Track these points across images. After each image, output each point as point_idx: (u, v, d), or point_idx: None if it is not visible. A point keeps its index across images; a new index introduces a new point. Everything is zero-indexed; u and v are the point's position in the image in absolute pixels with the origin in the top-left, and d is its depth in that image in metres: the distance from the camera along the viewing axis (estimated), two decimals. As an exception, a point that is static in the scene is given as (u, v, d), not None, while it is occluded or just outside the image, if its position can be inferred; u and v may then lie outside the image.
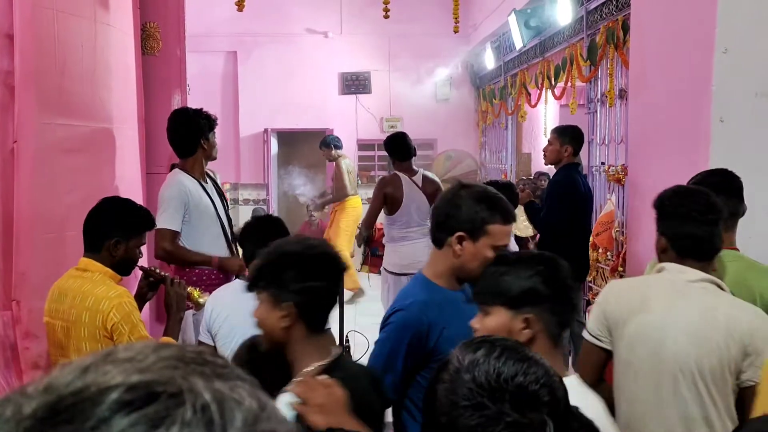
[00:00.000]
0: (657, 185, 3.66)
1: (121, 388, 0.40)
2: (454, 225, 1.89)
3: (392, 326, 1.93)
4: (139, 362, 0.42)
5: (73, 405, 0.39)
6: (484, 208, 1.87)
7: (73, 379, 0.41)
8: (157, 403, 0.39)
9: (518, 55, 7.83)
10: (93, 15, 3.31)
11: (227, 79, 10.00)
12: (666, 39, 3.55)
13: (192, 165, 3.45)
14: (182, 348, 0.46)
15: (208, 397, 0.41)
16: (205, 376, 0.42)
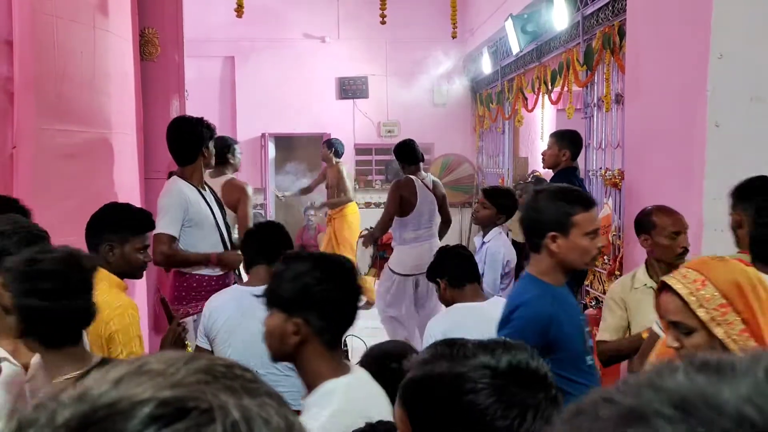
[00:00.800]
0: (653, 189, 3.68)
1: (153, 403, 0.40)
2: (544, 228, 2.01)
3: (517, 322, 2.01)
4: (171, 376, 0.43)
5: (105, 417, 0.40)
6: (563, 203, 2.01)
7: (107, 389, 0.41)
8: (187, 420, 0.40)
9: (515, 60, 7.86)
10: (92, 21, 3.32)
11: (225, 84, 10.02)
12: (661, 44, 3.58)
13: (191, 173, 3.46)
14: (213, 361, 0.46)
15: (237, 415, 0.41)
16: (235, 392, 0.43)
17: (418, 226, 4.98)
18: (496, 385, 1.01)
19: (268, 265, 2.77)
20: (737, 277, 1.46)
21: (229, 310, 2.70)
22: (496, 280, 3.56)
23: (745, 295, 1.44)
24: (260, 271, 2.77)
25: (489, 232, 3.76)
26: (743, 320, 1.44)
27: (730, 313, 1.44)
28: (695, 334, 1.47)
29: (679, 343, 1.50)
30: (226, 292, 2.84)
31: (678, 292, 1.48)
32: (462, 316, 2.62)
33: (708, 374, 0.38)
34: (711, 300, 1.45)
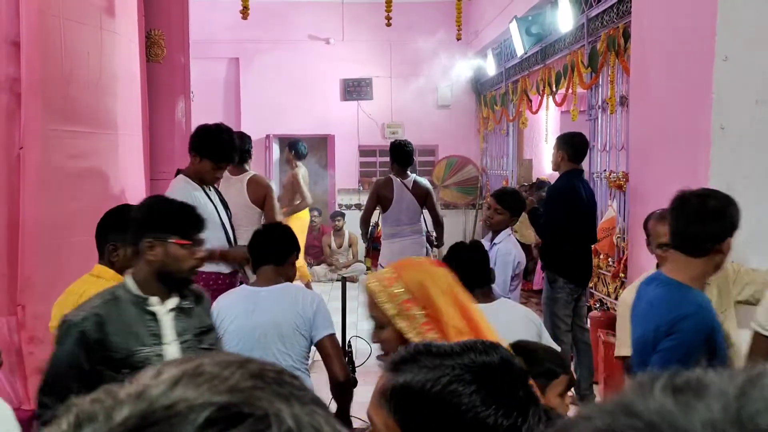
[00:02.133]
0: (658, 192, 3.68)
1: (212, 408, 0.41)
2: (725, 233, 2.08)
3: (683, 336, 2.04)
4: (226, 380, 0.43)
5: (164, 419, 0.40)
6: (734, 209, 2.10)
7: (165, 390, 0.42)
8: (244, 425, 0.40)
9: (519, 62, 7.86)
10: (99, 23, 3.34)
11: (229, 86, 10.04)
12: (666, 46, 3.58)
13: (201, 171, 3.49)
14: (264, 366, 0.47)
15: (291, 423, 0.41)
16: (287, 399, 0.43)
17: (397, 222, 5.32)
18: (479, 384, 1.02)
19: (276, 265, 2.79)
20: (424, 277, 1.58)
21: (237, 310, 2.72)
22: (506, 281, 3.55)
23: (429, 293, 1.55)
24: (267, 271, 2.79)
25: (499, 234, 3.76)
26: (426, 315, 1.54)
27: (413, 308, 1.54)
28: (386, 328, 1.57)
29: (377, 338, 1.61)
30: (234, 292, 2.87)
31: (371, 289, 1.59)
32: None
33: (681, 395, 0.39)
34: (398, 296, 1.56)
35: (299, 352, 2.72)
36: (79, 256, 3.07)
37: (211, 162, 3.44)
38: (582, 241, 4.47)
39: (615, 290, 5.24)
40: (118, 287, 2.10)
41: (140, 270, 2.08)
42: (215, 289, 3.34)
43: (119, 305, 2.03)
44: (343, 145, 9.85)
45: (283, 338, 2.67)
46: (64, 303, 2.45)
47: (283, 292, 2.75)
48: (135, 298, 2.05)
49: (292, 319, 2.69)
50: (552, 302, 4.45)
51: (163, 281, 2.06)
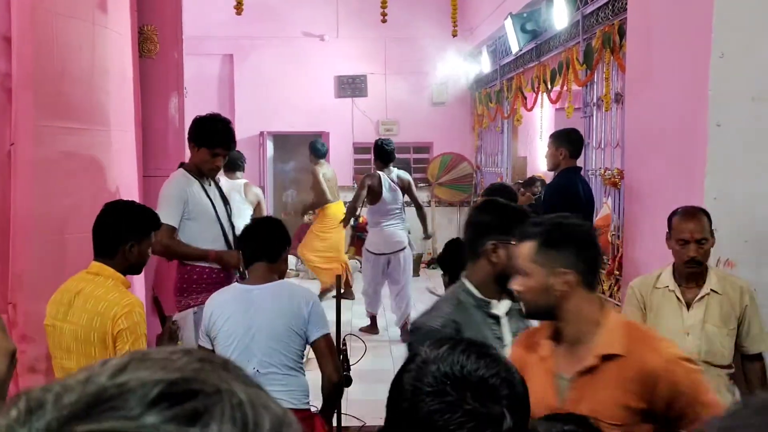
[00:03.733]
0: (653, 189, 3.68)
1: (163, 384, 0.42)
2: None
3: None
4: (174, 362, 0.44)
5: (117, 395, 0.41)
6: None
7: (114, 373, 0.43)
8: (196, 400, 0.41)
9: (514, 59, 7.85)
10: (91, 17, 3.30)
11: (223, 82, 10.00)
12: (662, 43, 3.57)
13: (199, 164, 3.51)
14: (209, 353, 0.48)
15: (244, 398, 0.43)
16: (235, 379, 0.44)
17: (385, 212, 6.10)
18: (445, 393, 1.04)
19: (268, 262, 2.75)
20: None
21: (230, 310, 2.69)
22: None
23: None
24: (260, 268, 2.75)
25: None
26: None
27: None
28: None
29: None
30: (227, 290, 2.83)
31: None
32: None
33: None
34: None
35: (294, 350, 2.70)
36: (71, 253, 3.05)
37: (207, 150, 3.44)
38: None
39: (610, 288, 5.24)
40: (459, 291, 2.11)
41: (480, 272, 2.09)
42: (209, 283, 3.34)
43: (467, 310, 2.06)
44: (337, 142, 9.82)
45: (278, 337, 2.65)
46: (59, 301, 2.42)
47: (277, 291, 2.72)
48: (477, 301, 2.07)
49: (286, 318, 2.66)
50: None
51: (500, 283, 2.06)
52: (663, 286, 2.75)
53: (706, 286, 2.67)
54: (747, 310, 2.66)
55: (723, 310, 2.65)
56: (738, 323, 2.66)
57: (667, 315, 2.72)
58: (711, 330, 2.64)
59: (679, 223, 2.66)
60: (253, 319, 2.65)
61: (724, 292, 2.66)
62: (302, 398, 2.70)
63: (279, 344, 2.65)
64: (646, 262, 3.59)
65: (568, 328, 1.72)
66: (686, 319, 2.68)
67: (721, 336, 2.64)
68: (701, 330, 2.65)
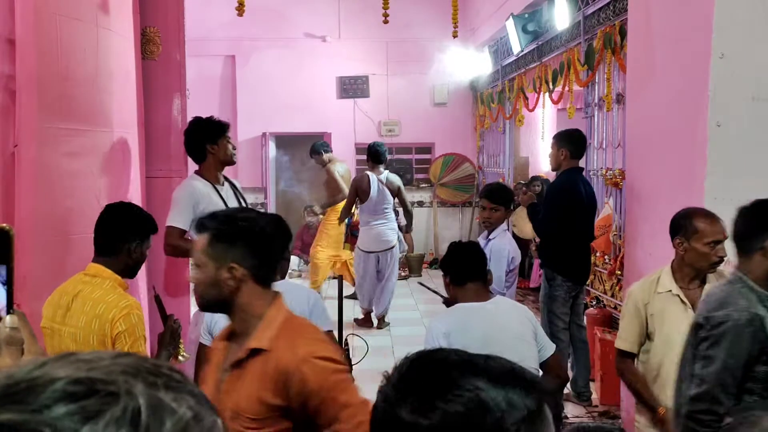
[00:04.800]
0: (654, 189, 3.68)
1: (65, 380, 0.45)
2: None
3: None
4: (93, 363, 0.47)
5: (24, 390, 0.44)
6: None
7: (32, 369, 0.46)
8: (94, 399, 0.44)
9: (516, 60, 7.86)
10: (95, 19, 3.32)
11: (226, 83, 10.02)
12: (663, 44, 3.58)
13: (206, 170, 3.62)
14: (143, 359, 0.50)
15: (142, 401, 0.45)
16: (152, 385, 0.47)
17: (373, 212, 6.33)
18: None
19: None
20: None
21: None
22: (500, 277, 3.55)
23: None
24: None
25: (495, 230, 3.77)
26: None
27: None
28: None
29: None
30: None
31: None
32: (464, 316, 2.61)
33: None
34: None
35: (296, 349, 2.71)
36: (75, 253, 3.06)
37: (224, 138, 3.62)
38: (581, 239, 4.47)
39: (611, 288, 5.25)
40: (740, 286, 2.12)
41: (758, 268, 2.12)
42: None
43: (756, 304, 2.07)
44: (339, 143, 9.83)
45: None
46: (57, 303, 2.42)
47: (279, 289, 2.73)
48: (760, 296, 2.09)
49: (288, 317, 2.68)
50: (550, 300, 4.46)
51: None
52: (665, 291, 2.69)
53: (708, 286, 2.66)
54: None
55: None
56: None
57: (672, 319, 2.67)
58: None
59: (709, 226, 2.59)
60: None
61: None
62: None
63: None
64: (648, 261, 3.59)
65: (237, 322, 1.75)
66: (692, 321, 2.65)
67: None
68: None
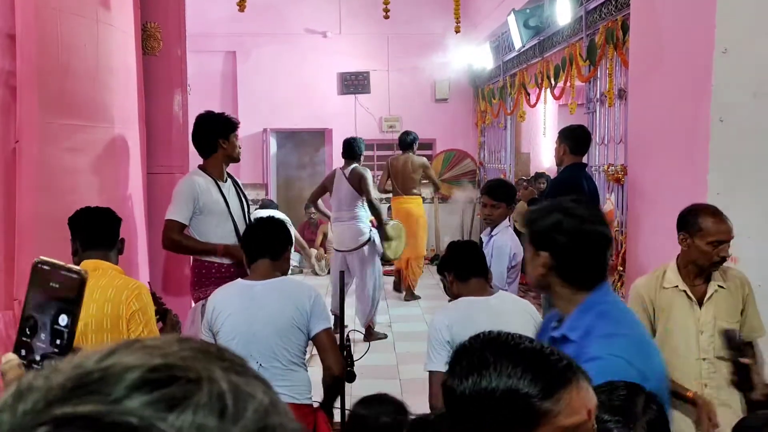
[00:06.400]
0: (656, 185, 3.67)
1: (144, 368, 0.43)
2: None
3: None
4: (162, 349, 0.45)
5: (99, 379, 0.42)
6: None
7: (101, 358, 0.44)
8: (175, 386, 0.42)
9: (517, 55, 7.84)
10: (95, 15, 3.31)
11: (226, 79, 10.01)
12: (665, 39, 3.57)
13: (211, 165, 3.62)
14: (206, 343, 0.48)
15: (224, 386, 0.43)
16: (225, 369, 0.45)
17: (338, 207, 6.02)
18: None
19: (271, 259, 2.78)
20: None
21: (233, 305, 2.71)
22: (502, 273, 3.55)
23: None
24: (263, 265, 2.78)
25: (497, 227, 3.76)
26: None
27: None
28: None
29: None
30: (230, 286, 2.86)
31: None
32: (467, 310, 2.61)
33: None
34: None
35: (296, 346, 2.71)
36: (76, 250, 3.06)
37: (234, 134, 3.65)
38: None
39: (613, 283, 5.24)
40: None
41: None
42: (218, 278, 3.40)
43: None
44: (340, 139, 9.74)
45: (280, 333, 2.66)
46: None
47: (279, 287, 2.74)
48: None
49: (289, 314, 2.68)
50: (551, 296, 4.45)
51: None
52: (671, 286, 2.68)
53: (713, 282, 2.65)
54: (747, 299, 2.67)
55: (729, 304, 2.64)
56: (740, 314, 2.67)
57: (679, 315, 2.66)
58: (722, 326, 2.63)
59: (714, 225, 2.56)
60: (255, 315, 2.67)
61: (727, 286, 2.65)
62: (304, 393, 2.72)
63: (281, 339, 2.66)
64: (650, 257, 3.59)
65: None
66: (699, 317, 2.65)
67: None
68: (714, 327, 2.63)
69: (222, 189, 3.59)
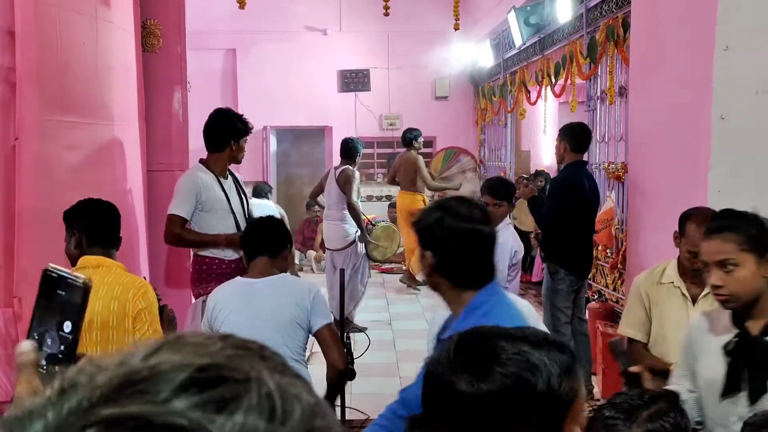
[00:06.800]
0: (657, 183, 3.67)
1: (192, 368, 0.42)
2: None
3: None
4: (208, 347, 0.44)
5: (147, 378, 0.41)
6: None
7: (147, 355, 0.43)
8: (224, 387, 0.41)
9: (518, 53, 7.83)
10: (94, 12, 3.31)
11: (226, 77, 10.00)
12: (666, 36, 3.56)
13: (215, 161, 3.63)
14: (245, 340, 0.48)
15: (272, 387, 0.42)
16: (270, 369, 0.44)
17: (328, 206, 6.12)
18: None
19: (269, 257, 2.80)
20: None
21: (234, 302, 2.71)
22: (502, 270, 3.55)
23: None
24: (261, 263, 2.80)
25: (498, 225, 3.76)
26: None
27: None
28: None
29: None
30: (230, 284, 2.87)
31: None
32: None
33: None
34: None
35: (297, 343, 2.71)
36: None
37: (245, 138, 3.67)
38: (584, 233, 4.46)
39: (613, 281, 5.24)
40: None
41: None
42: (219, 274, 3.42)
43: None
44: (340, 137, 9.76)
45: (281, 330, 2.67)
46: None
47: (279, 284, 2.75)
48: None
49: (289, 311, 2.68)
50: (553, 294, 4.45)
51: None
52: (668, 282, 2.70)
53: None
54: None
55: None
56: None
57: (671, 311, 2.69)
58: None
59: (695, 235, 2.44)
60: (256, 312, 2.67)
61: None
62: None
63: (282, 336, 2.66)
64: (650, 255, 3.58)
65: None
66: (691, 315, 2.66)
67: None
68: None
69: (224, 186, 3.60)
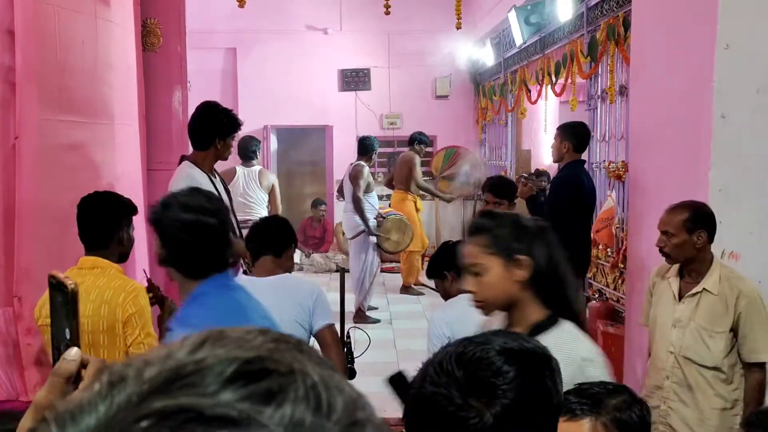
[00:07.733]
0: (658, 182, 3.66)
1: (238, 362, 0.42)
2: None
3: None
4: (250, 341, 0.45)
5: (194, 372, 0.42)
6: None
7: (192, 350, 0.44)
8: (270, 379, 0.42)
9: (518, 52, 7.82)
10: (94, 11, 3.31)
11: (227, 76, 9.99)
12: (667, 35, 3.55)
13: (203, 159, 3.55)
14: (281, 334, 0.48)
15: (317, 379, 0.43)
16: (310, 360, 0.45)
17: (345, 198, 6.73)
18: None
19: (274, 256, 2.80)
20: None
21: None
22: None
23: None
24: (266, 262, 2.80)
25: None
26: None
27: None
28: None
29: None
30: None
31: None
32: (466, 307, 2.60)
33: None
34: None
35: (298, 343, 2.71)
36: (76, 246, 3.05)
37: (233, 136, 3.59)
38: (582, 231, 4.46)
39: (614, 280, 5.23)
40: None
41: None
42: None
43: None
44: (341, 136, 9.81)
45: (282, 330, 2.66)
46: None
47: (281, 284, 2.74)
48: None
49: (291, 310, 2.68)
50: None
51: None
52: (669, 277, 2.77)
53: (701, 283, 2.65)
54: (741, 316, 2.56)
55: (715, 311, 2.59)
56: (733, 328, 2.58)
57: (662, 305, 2.78)
58: (696, 328, 2.62)
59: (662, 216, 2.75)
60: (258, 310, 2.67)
61: (720, 293, 2.59)
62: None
63: (283, 336, 2.66)
64: (651, 254, 3.58)
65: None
66: (675, 312, 2.68)
67: (707, 336, 2.59)
68: (686, 326, 2.64)
69: (216, 185, 3.56)
